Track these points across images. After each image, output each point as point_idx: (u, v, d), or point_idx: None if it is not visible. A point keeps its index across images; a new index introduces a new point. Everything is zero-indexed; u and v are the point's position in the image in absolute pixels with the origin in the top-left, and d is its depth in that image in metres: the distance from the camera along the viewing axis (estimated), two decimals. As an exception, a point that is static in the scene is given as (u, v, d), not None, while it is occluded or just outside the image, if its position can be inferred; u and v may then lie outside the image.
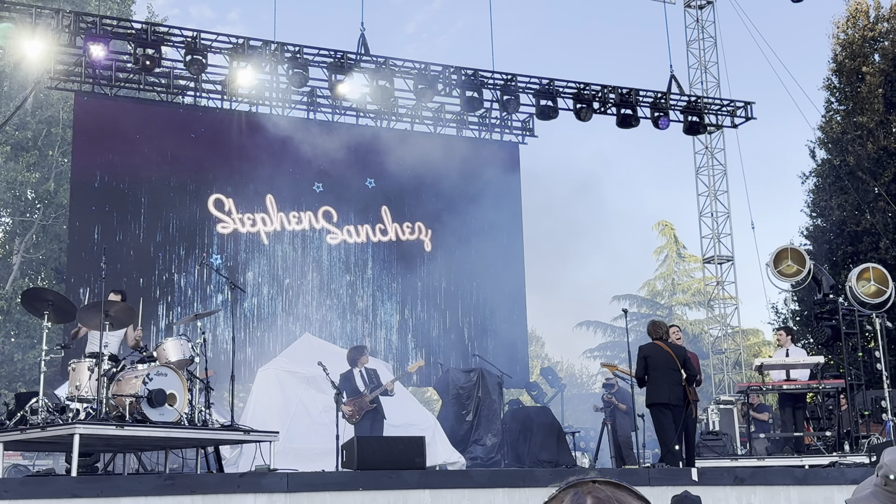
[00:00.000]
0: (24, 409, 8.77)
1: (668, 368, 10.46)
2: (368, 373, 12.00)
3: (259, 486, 7.53)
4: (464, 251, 18.48)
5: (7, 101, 23.71)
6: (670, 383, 10.39)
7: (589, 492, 1.62)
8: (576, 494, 1.62)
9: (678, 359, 10.53)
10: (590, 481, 1.64)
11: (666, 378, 10.41)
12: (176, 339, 9.65)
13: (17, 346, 22.99)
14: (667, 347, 10.65)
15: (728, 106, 18.66)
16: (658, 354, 10.56)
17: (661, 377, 10.42)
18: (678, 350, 10.75)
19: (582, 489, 1.63)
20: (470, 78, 16.51)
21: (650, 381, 10.53)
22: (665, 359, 10.53)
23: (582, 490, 1.63)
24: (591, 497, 1.60)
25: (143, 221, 16.52)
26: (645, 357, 10.60)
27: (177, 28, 14.94)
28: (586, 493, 1.62)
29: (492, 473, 9.76)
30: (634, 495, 1.63)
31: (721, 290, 22.80)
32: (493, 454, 14.29)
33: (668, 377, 10.41)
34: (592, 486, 1.63)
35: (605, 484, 1.64)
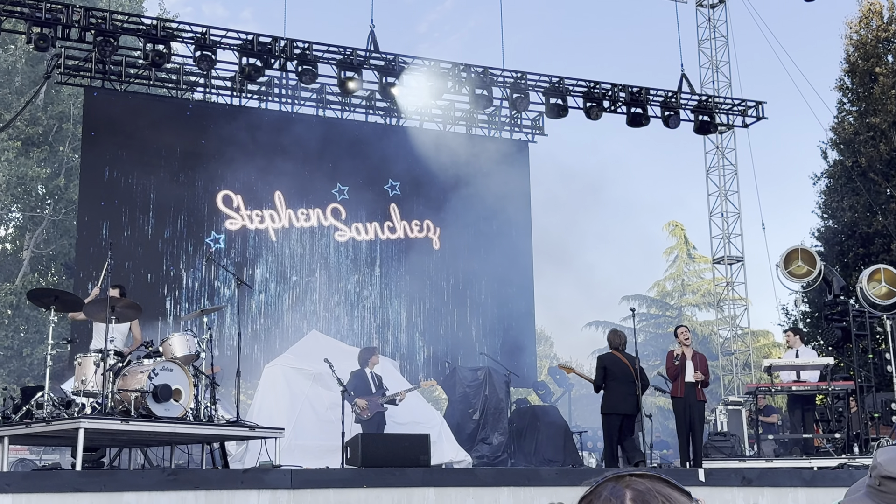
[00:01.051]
0: (30, 403, 8.77)
1: (625, 379, 10.94)
2: (377, 377, 12.01)
3: (263, 482, 7.50)
4: (472, 249, 18.43)
5: (18, 97, 23.77)
6: (625, 393, 10.91)
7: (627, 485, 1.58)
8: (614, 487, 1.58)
9: (634, 369, 10.98)
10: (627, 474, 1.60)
11: (621, 388, 10.92)
12: (182, 334, 9.63)
13: (25, 341, 23.05)
14: (624, 358, 11.13)
15: (739, 105, 18.57)
16: (615, 365, 11.06)
17: (617, 387, 10.92)
18: (633, 360, 11.16)
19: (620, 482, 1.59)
20: (480, 76, 16.47)
21: (606, 390, 11.00)
22: (622, 370, 11.02)
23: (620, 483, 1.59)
24: (629, 490, 1.56)
25: (151, 217, 16.53)
26: (604, 367, 11.11)
27: (186, 24, 14.95)
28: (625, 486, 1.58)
29: (497, 472, 9.72)
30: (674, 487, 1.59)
31: (731, 290, 22.69)
32: (500, 453, 14.24)
33: (623, 388, 10.92)
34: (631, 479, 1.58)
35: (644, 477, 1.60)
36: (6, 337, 22.47)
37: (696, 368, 11.53)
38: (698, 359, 11.73)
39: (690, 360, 11.61)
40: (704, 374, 11.62)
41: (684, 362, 11.58)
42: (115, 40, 14.16)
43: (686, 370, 11.53)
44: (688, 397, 11.47)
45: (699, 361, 11.67)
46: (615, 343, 11.34)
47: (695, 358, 11.68)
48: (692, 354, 11.71)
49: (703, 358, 11.85)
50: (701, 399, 11.61)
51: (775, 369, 12.50)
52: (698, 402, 11.56)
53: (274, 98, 17.92)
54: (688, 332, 12.04)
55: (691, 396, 11.49)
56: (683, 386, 11.48)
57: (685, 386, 11.48)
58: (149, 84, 17.27)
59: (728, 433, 12.79)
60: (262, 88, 17.66)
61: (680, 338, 11.78)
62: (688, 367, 11.55)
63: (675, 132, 17.57)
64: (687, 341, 11.75)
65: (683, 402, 11.49)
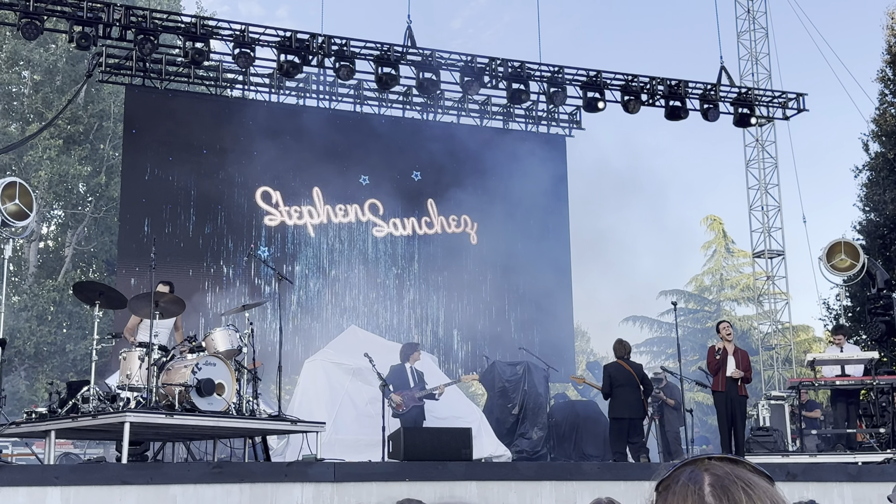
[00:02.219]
0: (76, 398, 8.88)
1: (629, 385, 11.83)
2: (417, 373, 12.00)
3: (306, 475, 7.55)
4: (510, 244, 18.40)
5: (59, 96, 24.07)
6: (630, 399, 11.77)
7: (706, 469, 1.55)
8: (692, 472, 1.56)
9: (637, 376, 11.93)
10: (706, 458, 1.58)
11: (626, 395, 11.78)
12: (224, 329, 9.71)
13: (68, 337, 23.36)
14: (627, 366, 11.99)
15: (779, 98, 18.35)
16: (620, 373, 11.93)
17: (622, 393, 11.80)
18: (637, 368, 12.14)
19: (698, 466, 1.57)
20: (516, 70, 16.42)
21: (613, 397, 11.91)
22: (626, 377, 11.88)
23: (698, 467, 1.56)
24: (708, 474, 1.54)
25: (192, 213, 16.68)
26: (609, 375, 12.01)
27: (225, 21, 15.04)
28: (703, 469, 1.55)
29: (539, 466, 9.70)
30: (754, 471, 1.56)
31: (771, 285, 22.47)
32: (539, 448, 14.21)
33: (628, 394, 11.78)
34: (709, 463, 1.56)
35: (723, 460, 1.57)
36: (49, 333, 22.79)
37: (737, 364, 11.47)
38: (740, 355, 11.66)
39: (732, 356, 11.54)
40: (746, 370, 11.57)
41: (725, 357, 11.52)
42: (155, 38, 14.28)
43: (727, 365, 11.47)
44: (729, 391, 11.42)
45: (741, 357, 11.61)
46: (620, 353, 12.21)
47: (736, 354, 11.62)
48: (734, 350, 11.64)
49: (745, 354, 11.79)
50: (743, 394, 11.56)
51: (819, 364, 12.37)
52: (740, 397, 11.51)
53: (311, 94, 18.00)
54: (730, 327, 11.98)
55: (732, 391, 11.44)
56: (725, 380, 11.44)
57: (726, 381, 11.43)
58: (188, 82, 17.42)
59: (771, 428, 12.67)
60: (299, 85, 17.74)
61: (722, 333, 11.73)
62: (729, 362, 11.50)
63: (714, 125, 17.40)
64: (729, 336, 11.69)
65: (725, 397, 11.44)
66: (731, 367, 11.43)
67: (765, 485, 1.53)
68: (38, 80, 24.62)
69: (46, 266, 25.55)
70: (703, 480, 1.53)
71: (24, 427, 9.11)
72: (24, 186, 11.29)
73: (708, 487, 1.52)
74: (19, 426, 9.11)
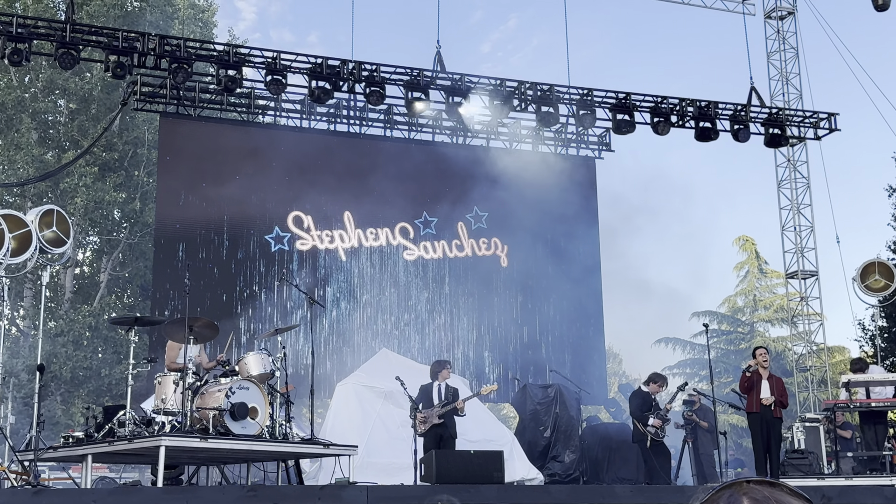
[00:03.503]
0: (112, 422, 9.00)
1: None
2: (448, 389, 11.87)
3: (339, 498, 7.59)
4: (540, 266, 18.41)
5: (94, 124, 24.45)
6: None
7: (745, 493, 1.56)
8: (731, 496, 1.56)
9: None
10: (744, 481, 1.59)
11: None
12: (257, 353, 9.80)
13: (104, 362, 23.60)
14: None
15: (811, 118, 18.28)
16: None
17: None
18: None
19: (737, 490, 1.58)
20: (545, 93, 16.49)
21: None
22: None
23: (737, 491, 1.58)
24: (747, 498, 1.54)
25: (225, 239, 16.86)
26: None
27: (257, 49, 15.25)
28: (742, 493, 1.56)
29: (571, 489, 9.68)
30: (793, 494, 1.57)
31: (805, 305, 22.27)
32: (572, 471, 14.16)
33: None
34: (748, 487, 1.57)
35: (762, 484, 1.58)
36: (85, 357, 23.05)
37: (771, 390, 11.40)
38: (774, 381, 11.59)
39: (766, 381, 11.47)
40: (781, 395, 11.51)
41: (759, 379, 11.46)
42: (188, 67, 14.51)
43: (762, 389, 11.41)
44: (763, 413, 11.35)
45: (775, 384, 11.54)
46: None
47: (770, 380, 11.54)
48: (768, 376, 11.58)
49: (779, 381, 11.74)
50: (777, 416, 11.48)
51: (853, 385, 12.25)
52: (774, 419, 11.42)
53: (342, 120, 18.18)
54: (766, 353, 11.90)
55: (767, 413, 11.37)
56: (759, 402, 11.37)
57: (760, 403, 11.37)
58: (221, 109, 17.66)
59: (806, 451, 12.55)
60: (330, 110, 17.93)
61: (758, 359, 11.67)
62: (763, 387, 11.43)
63: (746, 146, 17.35)
64: (765, 363, 11.64)
65: (759, 418, 11.36)
66: (765, 392, 11.36)
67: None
68: (74, 109, 25.05)
69: (82, 292, 25.87)
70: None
71: (61, 451, 9.23)
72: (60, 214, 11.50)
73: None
74: (56, 451, 9.23)
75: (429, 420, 11.45)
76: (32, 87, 24.80)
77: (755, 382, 11.50)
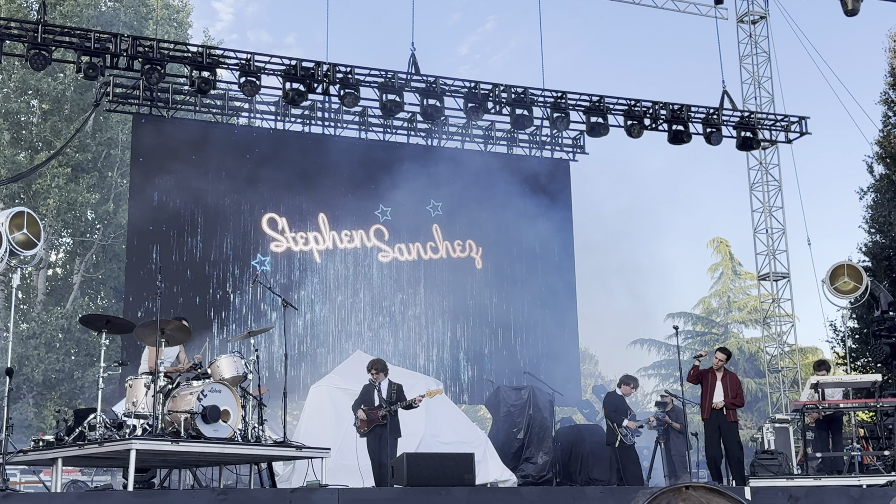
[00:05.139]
0: (83, 425, 8.95)
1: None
2: (391, 388, 11.37)
3: (310, 501, 7.60)
4: (515, 268, 18.48)
5: (67, 124, 24.29)
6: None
7: (683, 499, 1.57)
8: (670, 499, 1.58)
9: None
10: (684, 486, 1.59)
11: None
12: (229, 356, 9.77)
13: (76, 364, 23.46)
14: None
15: (782, 121, 18.44)
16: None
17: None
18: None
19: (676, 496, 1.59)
20: (520, 96, 16.54)
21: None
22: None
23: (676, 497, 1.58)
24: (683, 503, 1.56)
25: (199, 241, 16.80)
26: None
27: (231, 50, 15.20)
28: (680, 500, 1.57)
29: (542, 491, 9.73)
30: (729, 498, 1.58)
31: (777, 307, 22.47)
32: (545, 472, 14.22)
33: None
34: (686, 493, 1.58)
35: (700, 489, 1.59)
36: (57, 360, 22.89)
37: (725, 391, 11.42)
38: (728, 380, 11.59)
39: (720, 382, 11.49)
40: (735, 395, 11.49)
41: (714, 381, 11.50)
42: (161, 68, 14.44)
43: (715, 394, 11.46)
44: (717, 419, 11.36)
45: (729, 382, 11.54)
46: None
47: (725, 379, 11.55)
48: (723, 376, 11.59)
49: (734, 378, 11.72)
50: (732, 420, 11.49)
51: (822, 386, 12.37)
52: (729, 424, 11.44)
53: (316, 121, 18.17)
54: (722, 355, 11.92)
55: (720, 419, 11.38)
56: (710, 409, 11.42)
57: (711, 410, 11.42)
58: (195, 110, 17.60)
59: (775, 451, 12.66)
60: (304, 112, 17.91)
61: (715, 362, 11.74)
62: (717, 389, 11.47)
63: (718, 149, 17.48)
64: (719, 364, 11.68)
65: (713, 425, 11.42)
66: (717, 396, 11.43)
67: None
68: (47, 109, 24.88)
69: (55, 293, 25.70)
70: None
71: (31, 455, 9.17)
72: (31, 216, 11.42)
73: None
74: (27, 454, 9.18)
75: (372, 421, 11.10)
76: (5, 88, 24.60)
77: (710, 385, 11.49)
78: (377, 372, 11.39)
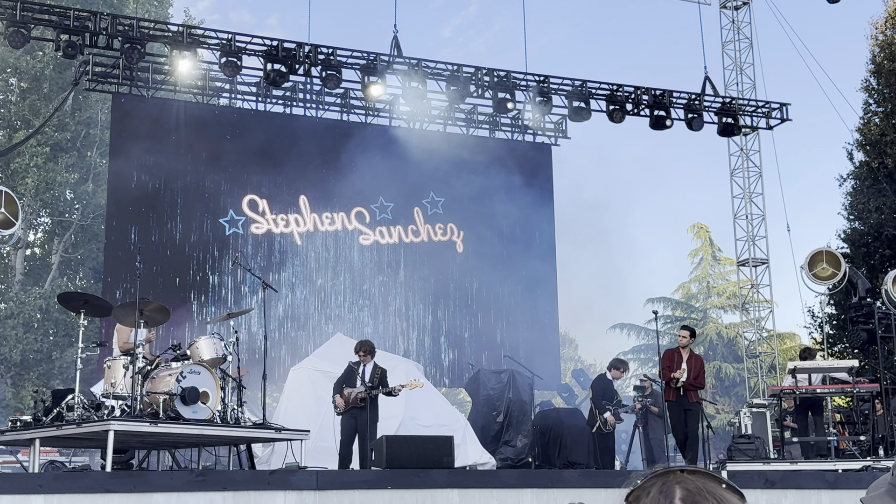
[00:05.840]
0: (61, 406, 8.92)
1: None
2: (375, 371, 11.13)
3: (289, 483, 7.60)
4: (496, 252, 18.49)
5: (46, 103, 24.07)
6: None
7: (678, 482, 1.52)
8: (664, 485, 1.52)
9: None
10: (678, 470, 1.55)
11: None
12: (209, 337, 9.76)
13: (55, 345, 23.33)
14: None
15: (763, 107, 18.51)
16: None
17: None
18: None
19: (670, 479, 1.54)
20: (502, 80, 16.53)
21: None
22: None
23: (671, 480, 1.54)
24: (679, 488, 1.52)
25: (178, 221, 16.71)
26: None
27: (212, 30, 15.11)
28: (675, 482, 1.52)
29: (520, 474, 9.78)
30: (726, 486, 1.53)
31: (756, 293, 22.60)
32: (524, 455, 14.27)
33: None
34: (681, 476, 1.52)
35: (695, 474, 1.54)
36: (35, 340, 22.76)
37: (689, 371, 11.39)
38: (694, 360, 11.59)
39: (686, 363, 11.48)
40: (696, 377, 11.46)
41: (679, 361, 11.45)
42: (141, 47, 14.33)
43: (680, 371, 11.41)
44: (681, 401, 11.33)
45: (694, 363, 11.53)
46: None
47: (690, 360, 11.56)
48: (689, 356, 11.59)
49: (699, 360, 11.72)
50: (694, 400, 11.49)
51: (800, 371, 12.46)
52: (692, 405, 11.43)
53: (298, 103, 18.08)
54: (686, 332, 11.89)
55: (684, 401, 11.35)
56: (674, 391, 11.38)
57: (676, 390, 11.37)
58: (175, 90, 17.46)
59: (752, 436, 12.76)
60: (286, 94, 17.81)
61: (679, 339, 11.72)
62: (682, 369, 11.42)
63: (699, 135, 17.54)
64: (684, 342, 11.65)
65: (676, 406, 11.41)
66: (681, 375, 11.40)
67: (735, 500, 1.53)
68: (26, 88, 24.63)
69: (33, 273, 25.52)
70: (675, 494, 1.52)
71: (8, 435, 9.15)
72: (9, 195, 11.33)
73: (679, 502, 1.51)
74: (4, 434, 9.15)
75: (349, 402, 10.91)
76: (-18, 66, 24.36)
77: (676, 365, 11.41)
78: (364, 354, 11.27)
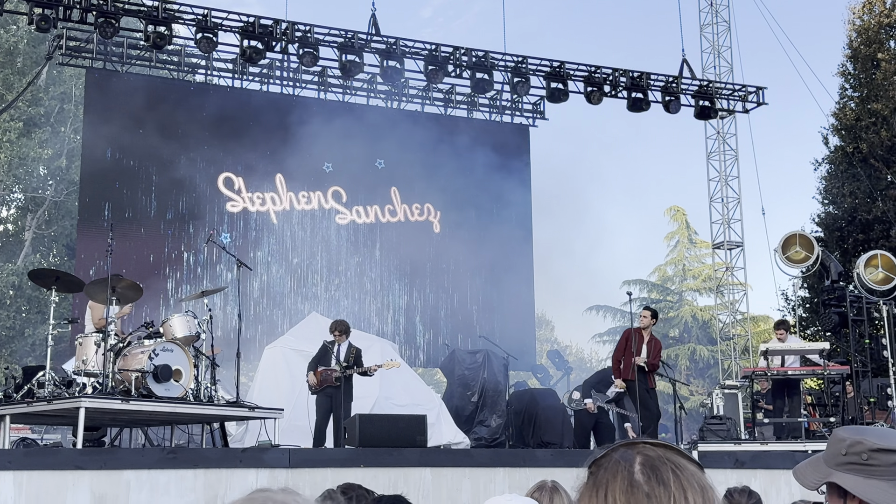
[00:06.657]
0: (31, 383, 8.87)
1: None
2: (350, 350, 11.18)
3: (261, 461, 7.59)
4: (472, 233, 18.48)
5: (19, 78, 23.79)
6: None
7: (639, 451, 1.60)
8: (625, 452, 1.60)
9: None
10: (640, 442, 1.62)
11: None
12: (182, 315, 9.71)
13: (27, 322, 23.17)
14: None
15: (740, 91, 18.57)
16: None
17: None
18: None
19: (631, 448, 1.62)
20: (480, 60, 16.47)
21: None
22: None
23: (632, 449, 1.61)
24: (640, 455, 1.59)
25: (153, 199, 16.59)
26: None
27: (188, 6, 14.94)
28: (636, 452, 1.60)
29: (493, 453, 9.81)
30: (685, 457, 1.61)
31: (730, 276, 22.75)
32: (498, 435, 14.33)
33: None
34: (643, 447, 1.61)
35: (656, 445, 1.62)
36: (8, 317, 22.59)
37: (649, 353, 11.42)
38: (654, 344, 11.62)
39: (646, 346, 11.51)
40: (654, 358, 11.48)
41: (640, 343, 11.47)
42: (116, 22, 14.16)
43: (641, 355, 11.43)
44: (639, 382, 11.32)
45: (653, 347, 11.56)
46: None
47: (650, 343, 11.59)
48: (649, 338, 11.61)
49: (658, 344, 11.76)
50: (651, 386, 11.53)
51: (772, 354, 12.56)
52: (649, 390, 11.46)
53: (275, 80, 17.94)
54: (648, 312, 11.90)
55: (643, 382, 11.35)
56: (632, 370, 11.38)
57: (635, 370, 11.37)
58: (150, 66, 17.29)
59: (724, 417, 12.87)
60: (263, 71, 17.68)
61: (641, 320, 11.74)
62: (643, 352, 11.44)
63: (676, 117, 17.58)
64: (644, 322, 11.67)
65: (635, 385, 11.42)
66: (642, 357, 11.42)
67: (693, 468, 1.59)
68: (-1, 62, 24.34)
69: (6, 250, 25.30)
70: (634, 459, 1.58)
71: (-22, 412, 9.06)
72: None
73: (638, 466, 1.57)
74: (-26, 411, 9.06)
75: (325, 382, 10.89)
76: (-46, 38, 24.02)
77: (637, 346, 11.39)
78: (340, 333, 11.25)
